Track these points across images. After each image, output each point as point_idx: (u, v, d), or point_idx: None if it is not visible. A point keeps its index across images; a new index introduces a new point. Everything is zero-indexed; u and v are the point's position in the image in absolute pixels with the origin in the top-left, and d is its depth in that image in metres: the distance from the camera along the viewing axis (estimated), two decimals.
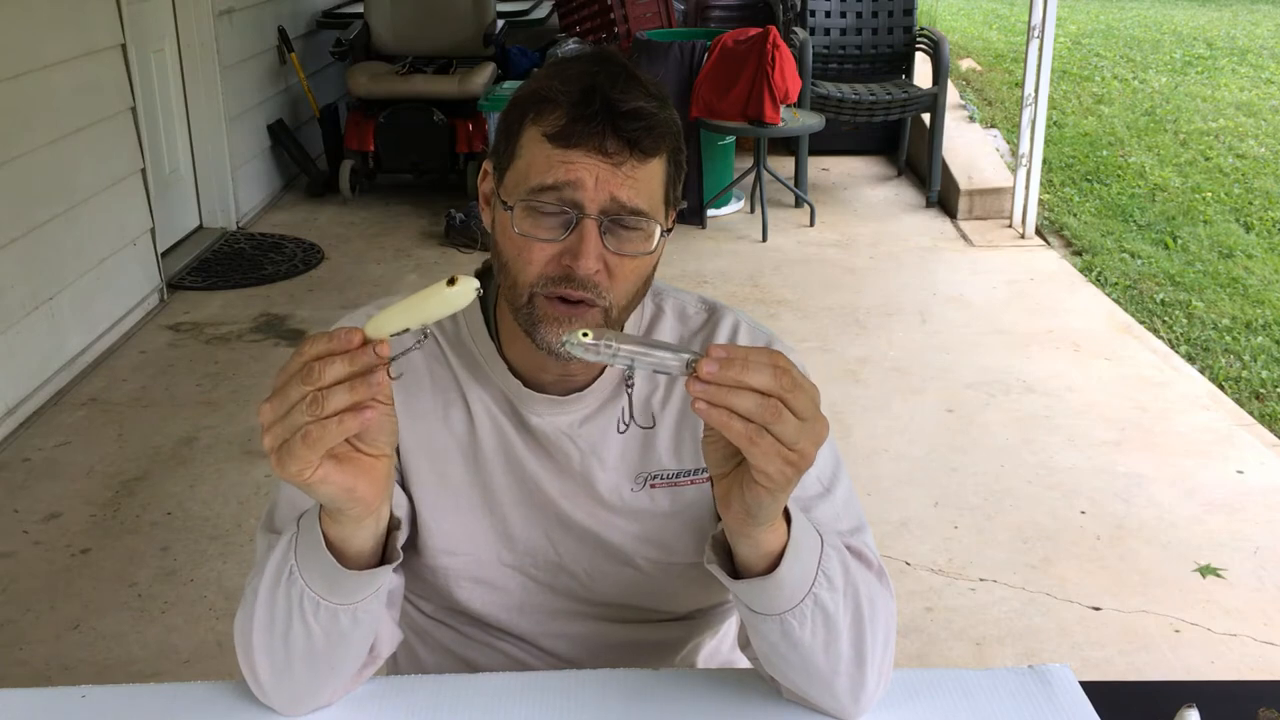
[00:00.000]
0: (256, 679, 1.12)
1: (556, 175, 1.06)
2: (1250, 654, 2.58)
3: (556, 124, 1.07)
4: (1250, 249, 5.22)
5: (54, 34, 3.81)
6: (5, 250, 3.54)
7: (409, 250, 5.21)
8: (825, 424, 0.93)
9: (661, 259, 1.15)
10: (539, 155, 1.08)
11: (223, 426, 3.57)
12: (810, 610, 1.03)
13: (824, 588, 1.03)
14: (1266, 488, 3.26)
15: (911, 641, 2.62)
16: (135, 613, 2.69)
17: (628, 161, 1.07)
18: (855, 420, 3.61)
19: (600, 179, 1.06)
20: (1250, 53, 8.97)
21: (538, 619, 1.29)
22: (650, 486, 1.22)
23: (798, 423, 0.90)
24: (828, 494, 1.18)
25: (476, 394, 1.22)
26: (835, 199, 5.97)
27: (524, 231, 1.09)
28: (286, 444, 0.90)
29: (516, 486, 1.23)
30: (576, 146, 1.06)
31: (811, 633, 1.04)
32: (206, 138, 5.27)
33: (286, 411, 0.90)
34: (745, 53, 5.14)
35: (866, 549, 1.15)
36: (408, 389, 1.21)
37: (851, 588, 1.06)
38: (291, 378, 0.90)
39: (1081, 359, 4.10)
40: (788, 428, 0.89)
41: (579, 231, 1.07)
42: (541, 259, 1.08)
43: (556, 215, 1.08)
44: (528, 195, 1.08)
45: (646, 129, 1.07)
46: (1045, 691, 1.17)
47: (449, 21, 5.96)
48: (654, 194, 1.10)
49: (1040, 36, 5.15)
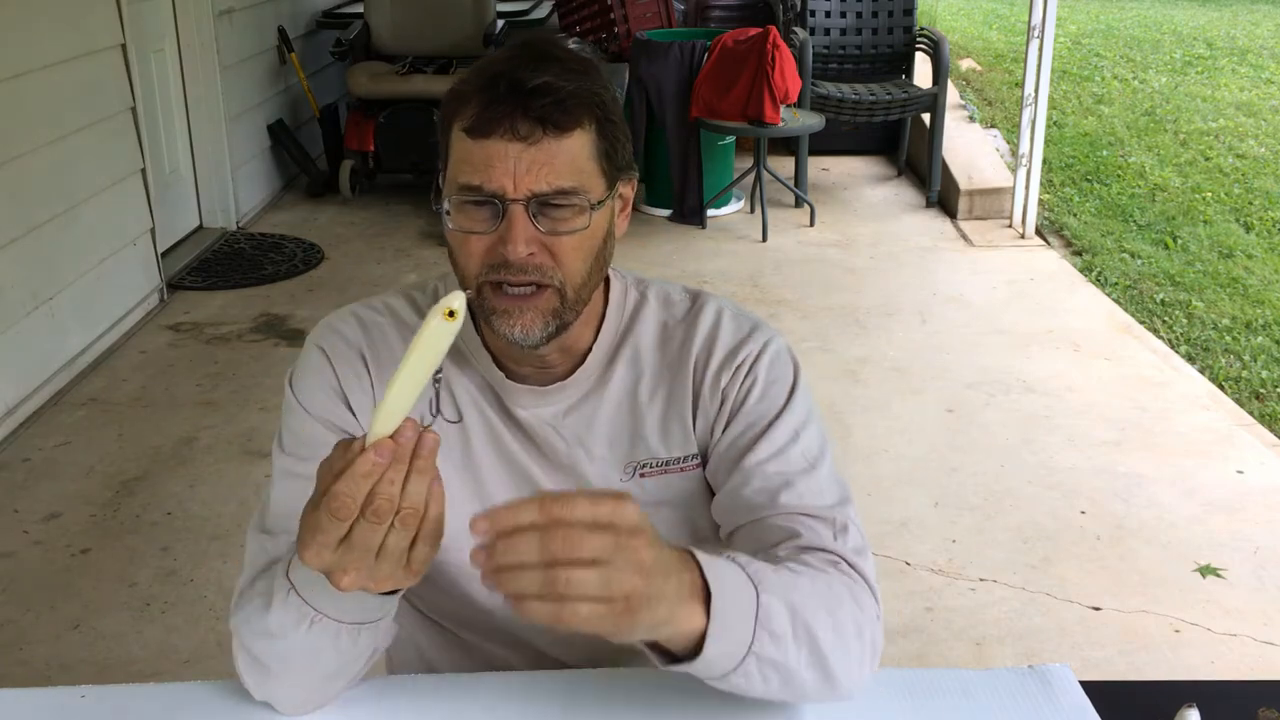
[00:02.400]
0: (256, 686, 1.12)
1: (478, 168, 1.08)
2: (1250, 654, 2.58)
3: (471, 117, 1.08)
4: (1250, 249, 5.22)
5: (54, 34, 3.81)
6: (5, 250, 3.54)
7: (409, 250, 5.21)
8: (638, 540, 0.87)
9: (662, 260, 1.16)
10: (461, 151, 1.10)
11: (223, 426, 3.57)
12: (755, 666, 0.99)
13: (765, 642, 0.99)
14: (1266, 488, 3.26)
15: (911, 641, 2.62)
16: (135, 613, 2.69)
17: (543, 140, 1.07)
18: (855, 420, 3.61)
19: (519, 163, 1.07)
20: (1250, 53, 8.96)
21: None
22: (640, 476, 1.22)
23: (594, 574, 0.84)
24: (813, 470, 1.18)
25: (463, 386, 1.23)
26: (835, 199, 5.97)
27: (459, 227, 1.11)
28: (372, 569, 0.91)
29: (508, 480, 1.23)
30: (490, 135, 1.07)
31: (763, 681, 1.01)
32: (206, 138, 5.26)
33: (363, 543, 0.90)
34: (745, 53, 5.14)
35: (851, 523, 1.16)
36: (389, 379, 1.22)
37: (802, 625, 1.02)
38: (351, 513, 0.89)
39: (1081, 359, 4.10)
40: (587, 585, 0.84)
41: (507, 219, 1.08)
42: (480, 251, 1.10)
43: (485, 206, 1.09)
44: (457, 192, 1.10)
45: (556, 103, 1.07)
46: (1045, 691, 1.17)
47: (449, 21, 5.95)
48: (580, 168, 1.09)
49: (1040, 36, 5.15)
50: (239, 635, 1.11)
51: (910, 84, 6.18)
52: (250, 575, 1.15)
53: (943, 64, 5.79)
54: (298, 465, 1.20)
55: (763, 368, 1.21)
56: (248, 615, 1.09)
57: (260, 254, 5.14)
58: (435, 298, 1.26)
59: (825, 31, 6.20)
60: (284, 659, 1.08)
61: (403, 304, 1.27)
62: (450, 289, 1.23)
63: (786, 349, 1.25)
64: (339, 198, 5.87)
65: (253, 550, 1.16)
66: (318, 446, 1.20)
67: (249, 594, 1.12)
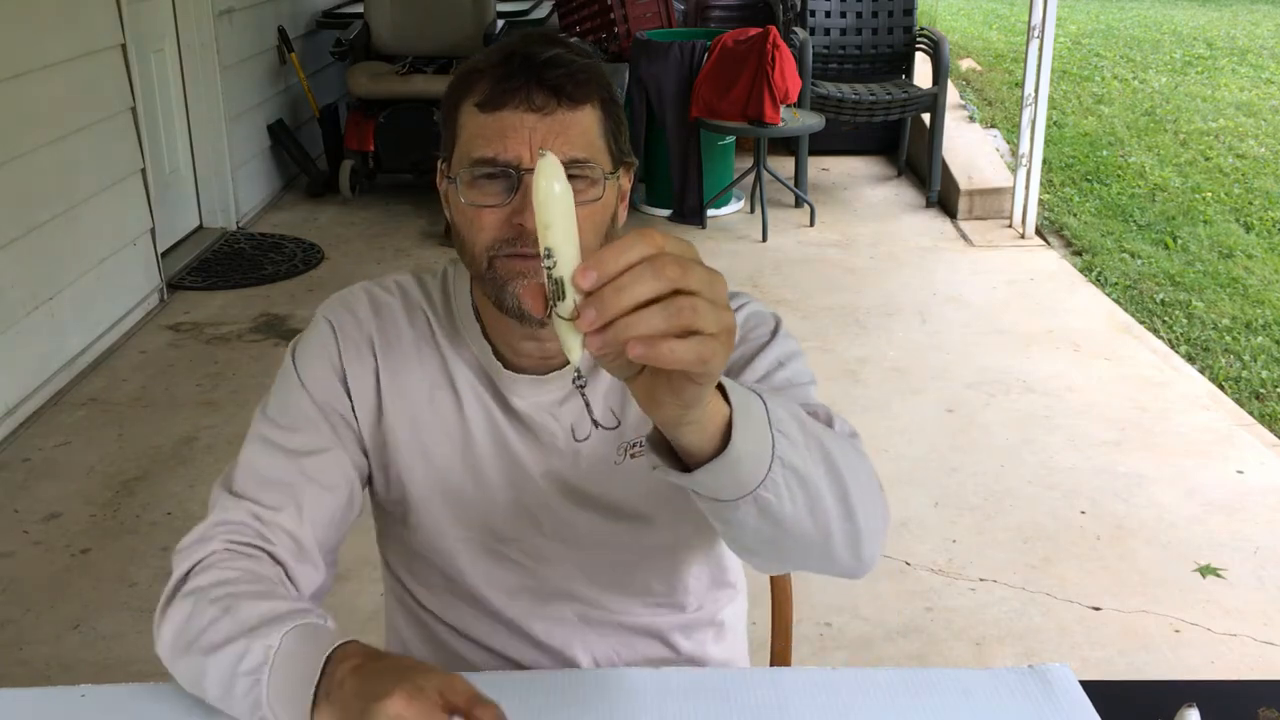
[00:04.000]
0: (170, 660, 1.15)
1: (491, 140, 1.09)
2: (1250, 654, 2.58)
3: (484, 92, 1.10)
4: (1250, 249, 5.22)
5: (54, 34, 3.81)
6: (5, 250, 3.54)
7: (409, 250, 5.21)
8: (720, 275, 0.79)
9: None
10: (474, 126, 1.11)
11: (223, 426, 3.57)
12: (781, 475, 0.91)
13: (785, 445, 0.91)
14: (1266, 488, 3.26)
15: (911, 641, 2.62)
16: (135, 613, 2.69)
17: (557, 111, 1.09)
18: (855, 420, 3.56)
19: (534, 133, 1.08)
20: (1250, 53, 8.96)
21: (526, 604, 1.29)
22: (631, 457, 1.23)
23: (708, 304, 0.76)
24: (796, 388, 1.20)
25: (463, 374, 1.23)
26: (835, 199, 5.97)
27: (471, 201, 1.11)
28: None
29: (505, 468, 1.24)
30: (505, 107, 1.09)
31: (791, 500, 0.93)
32: (206, 138, 5.26)
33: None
34: (745, 53, 5.14)
35: (841, 421, 1.16)
36: (394, 365, 1.23)
37: (812, 437, 0.96)
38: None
39: (1081, 359, 4.10)
40: (705, 317, 0.76)
41: (523, 189, 1.08)
42: (493, 224, 1.10)
43: (499, 179, 1.10)
44: (470, 166, 1.10)
45: (569, 75, 1.09)
46: (1045, 691, 1.17)
47: (449, 21, 5.95)
48: (591, 141, 1.11)
49: (1040, 36, 5.14)
50: (171, 623, 1.12)
51: (910, 84, 6.17)
52: (206, 530, 1.18)
53: (943, 64, 5.79)
54: (276, 434, 1.21)
55: (739, 320, 1.22)
56: (195, 627, 1.09)
57: (260, 254, 5.14)
58: (444, 281, 1.27)
59: (825, 31, 6.20)
60: (198, 689, 1.09)
61: (413, 284, 1.28)
62: (459, 273, 1.24)
63: (769, 313, 1.26)
64: (339, 198, 5.87)
65: (214, 504, 1.20)
66: (301, 421, 1.21)
67: (205, 594, 1.11)
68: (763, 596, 1.51)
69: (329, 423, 1.22)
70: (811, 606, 2.68)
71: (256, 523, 1.18)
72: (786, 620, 1.52)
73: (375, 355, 1.23)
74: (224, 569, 1.14)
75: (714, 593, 1.35)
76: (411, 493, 1.25)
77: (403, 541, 1.30)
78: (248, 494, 1.19)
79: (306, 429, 1.21)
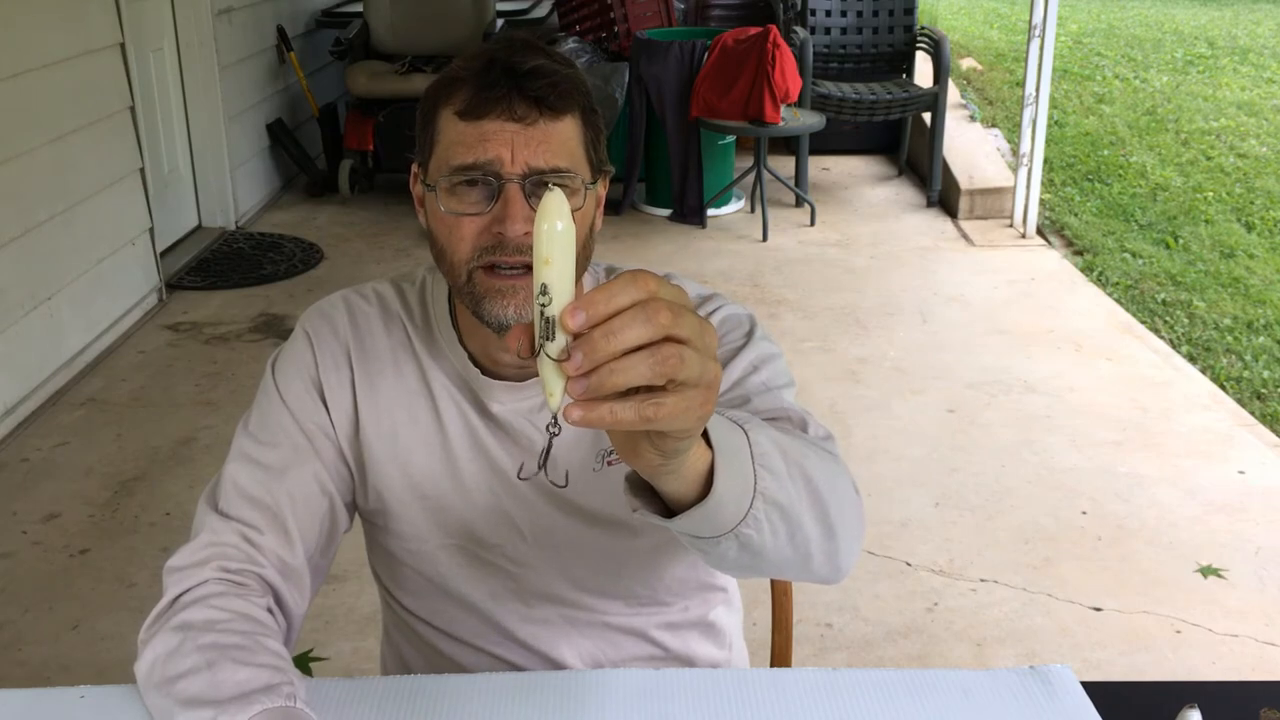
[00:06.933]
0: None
1: (472, 148, 1.08)
2: (1252, 654, 2.58)
3: (464, 100, 1.09)
4: (1252, 249, 5.22)
5: (53, 33, 3.81)
6: (4, 250, 3.53)
7: (408, 250, 5.21)
8: (710, 325, 0.77)
9: (662, 260, 1.16)
10: (453, 134, 1.10)
11: (222, 426, 3.56)
12: (763, 512, 0.90)
13: (767, 480, 0.90)
14: (1268, 488, 3.26)
15: (912, 642, 2.61)
16: (135, 613, 2.69)
17: (539, 121, 1.09)
18: (855, 420, 3.60)
19: (516, 143, 1.08)
20: (1252, 52, 8.96)
21: (511, 607, 1.29)
22: (608, 464, 1.23)
23: (696, 354, 0.74)
24: (770, 392, 1.18)
25: (440, 382, 1.23)
26: (836, 199, 5.96)
27: (451, 209, 1.10)
28: None
29: (484, 475, 1.24)
30: (486, 116, 1.08)
31: (772, 533, 0.92)
32: (205, 137, 5.26)
33: None
34: (745, 52, 5.14)
35: (814, 421, 1.14)
36: (371, 376, 1.22)
37: (794, 464, 0.95)
38: None
39: (1082, 359, 4.09)
40: (692, 367, 0.73)
41: (503, 198, 1.08)
42: (472, 232, 1.10)
43: (480, 187, 1.09)
44: (450, 173, 1.10)
45: (551, 85, 1.09)
46: (1046, 692, 1.16)
47: (448, 21, 5.95)
48: (572, 151, 1.11)
49: (1041, 35, 5.14)
50: (153, 650, 1.10)
51: (911, 83, 6.17)
52: (197, 551, 1.17)
53: (943, 63, 5.78)
54: (256, 449, 1.21)
55: (714, 322, 1.22)
56: (174, 670, 1.07)
57: (259, 254, 5.13)
58: (422, 290, 1.26)
59: (826, 31, 6.19)
60: None
61: (392, 294, 1.28)
62: (437, 281, 1.24)
63: (745, 314, 1.25)
64: (338, 197, 5.87)
65: (198, 522, 1.20)
66: (281, 436, 1.21)
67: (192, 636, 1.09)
68: (763, 597, 1.51)
69: (308, 437, 1.22)
70: (812, 607, 2.68)
71: (246, 545, 1.18)
72: (786, 621, 1.51)
73: (351, 366, 1.23)
74: (215, 608, 1.12)
75: (701, 594, 1.35)
76: (391, 501, 1.25)
77: (386, 549, 1.30)
78: (234, 513, 1.19)
79: (285, 444, 1.22)
